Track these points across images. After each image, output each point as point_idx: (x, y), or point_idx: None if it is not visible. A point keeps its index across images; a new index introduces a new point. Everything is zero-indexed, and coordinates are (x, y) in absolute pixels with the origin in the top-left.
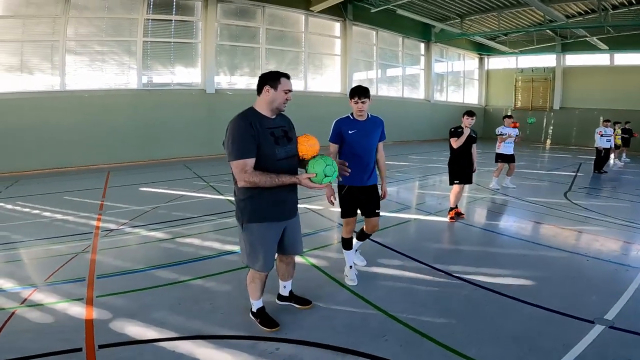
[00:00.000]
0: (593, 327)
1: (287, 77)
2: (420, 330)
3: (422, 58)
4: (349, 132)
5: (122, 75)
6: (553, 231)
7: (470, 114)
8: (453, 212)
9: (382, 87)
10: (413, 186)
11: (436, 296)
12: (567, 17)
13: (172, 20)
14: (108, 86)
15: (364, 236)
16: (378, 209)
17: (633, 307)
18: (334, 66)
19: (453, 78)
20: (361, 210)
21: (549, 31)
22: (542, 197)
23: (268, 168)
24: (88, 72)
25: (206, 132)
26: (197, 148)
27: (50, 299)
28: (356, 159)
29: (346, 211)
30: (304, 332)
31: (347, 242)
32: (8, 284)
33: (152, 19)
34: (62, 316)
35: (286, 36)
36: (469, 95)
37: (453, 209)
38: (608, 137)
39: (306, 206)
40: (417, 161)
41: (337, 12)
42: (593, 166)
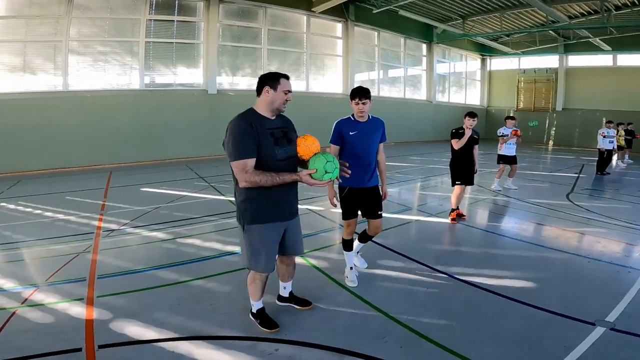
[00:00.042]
0: (594, 329)
1: (287, 78)
2: (420, 331)
3: (424, 59)
4: (350, 134)
5: (125, 75)
6: (555, 233)
7: (471, 115)
8: (455, 214)
9: (384, 88)
10: (414, 187)
11: (436, 297)
12: (570, 18)
13: (175, 20)
14: (110, 86)
15: (366, 238)
16: (380, 211)
17: (634, 309)
18: (336, 67)
19: (455, 79)
20: (362, 211)
21: (552, 32)
22: (544, 199)
23: (268, 169)
24: (91, 73)
25: (208, 133)
26: (199, 148)
27: (50, 299)
28: (357, 160)
29: (347, 213)
30: (304, 333)
31: (348, 244)
32: (9, 284)
33: (155, 20)
34: (63, 316)
35: (288, 37)
36: (471, 96)
37: (454, 210)
38: (610, 139)
39: (307, 207)
40: (419, 162)
41: (339, 13)
42: (595, 167)
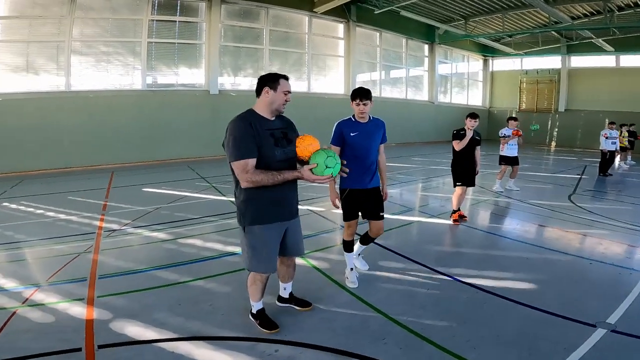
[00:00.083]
0: (595, 331)
1: (286, 79)
2: (420, 333)
3: (426, 59)
4: (351, 134)
5: (127, 75)
6: (556, 234)
7: (473, 116)
8: (456, 215)
9: (386, 89)
10: (416, 188)
11: (437, 299)
12: (573, 19)
13: (177, 21)
14: (113, 87)
15: (368, 240)
16: (382, 212)
17: (636, 311)
18: (338, 67)
19: (457, 80)
20: (363, 213)
21: (554, 33)
22: (546, 200)
23: (268, 169)
24: (93, 73)
25: (210, 133)
26: (201, 149)
27: (51, 299)
28: (358, 161)
29: (348, 214)
30: (304, 334)
31: (348, 245)
32: (10, 284)
33: (157, 20)
34: (63, 316)
35: (290, 37)
36: (473, 97)
37: (456, 212)
38: (613, 140)
39: (307, 208)
40: (420, 163)
41: (341, 14)
42: (598, 169)
